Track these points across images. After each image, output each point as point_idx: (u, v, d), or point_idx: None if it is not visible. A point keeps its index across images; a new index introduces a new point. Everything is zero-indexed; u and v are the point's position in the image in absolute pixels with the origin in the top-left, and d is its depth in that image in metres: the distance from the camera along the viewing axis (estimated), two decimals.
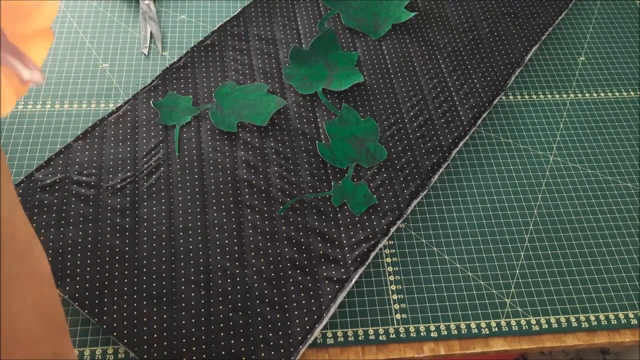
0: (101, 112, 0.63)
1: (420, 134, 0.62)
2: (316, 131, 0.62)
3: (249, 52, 0.68)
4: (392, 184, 0.58)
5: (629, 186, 0.61)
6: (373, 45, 0.70)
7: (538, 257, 0.56)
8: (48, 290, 0.29)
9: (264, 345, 0.48)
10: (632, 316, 0.53)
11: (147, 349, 0.48)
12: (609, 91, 0.70)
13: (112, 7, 0.73)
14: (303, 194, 0.57)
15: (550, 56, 0.73)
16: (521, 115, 0.67)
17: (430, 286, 0.53)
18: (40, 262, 0.28)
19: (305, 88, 0.65)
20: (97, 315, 0.49)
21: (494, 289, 0.54)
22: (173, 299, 0.50)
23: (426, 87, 0.66)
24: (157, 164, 0.58)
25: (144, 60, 0.68)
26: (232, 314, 0.50)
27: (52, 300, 0.29)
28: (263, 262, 0.52)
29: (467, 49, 0.70)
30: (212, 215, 0.55)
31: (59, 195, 0.55)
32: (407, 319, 0.51)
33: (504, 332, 0.51)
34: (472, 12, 0.74)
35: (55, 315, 0.29)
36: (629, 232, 0.58)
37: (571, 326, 0.52)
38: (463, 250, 0.56)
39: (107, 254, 0.52)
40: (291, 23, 0.72)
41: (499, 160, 0.62)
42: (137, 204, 0.55)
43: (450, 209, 0.58)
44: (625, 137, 0.65)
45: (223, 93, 0.64)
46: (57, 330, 0.29)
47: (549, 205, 0.59)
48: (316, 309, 0.50)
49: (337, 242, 0.54)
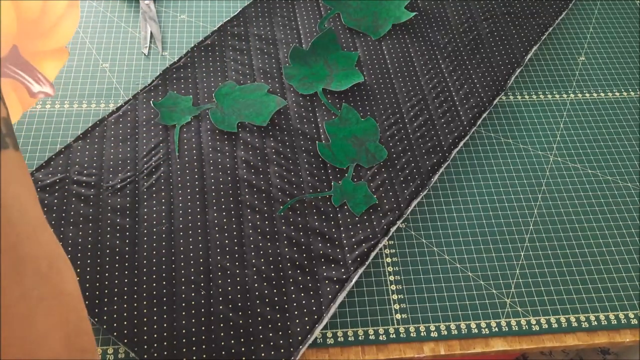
0: (101, 112, 0.63)
1: (420, 134, 0.62)
2: (316, 131, 0.62)
3: (249, 52, 0.68)
4: (392, 184, 0.58)
5: (629, 186, 0.61)
6: (373, 45, 0.70)
7: (538, 257, 0.56)
8: (74, 311, 0.28)
9: (264, 345, 0.48)
10: (632, 316, 0.53)
11: (147, 349, 0.48)
12: (609, 91, 0.70)
13: (112, 7, 0.73)
14: (303, 194, 0.57)
15: (550, 56, 0.73)
16: (521, 115, 0.67)
17: (430, 286, 0.53)
18: (66, 283, 0.27)
19: (305, 88, 0.65)
20: (97, 315, 0.49)
21: (494, 289, 0.54)
22: (173, 299, 0.50)
23: (426, 87, 0.66)
24: (157, 164, 0.58)
25: (144, 60, 0.68)
26: (232, 314, 0.50)
27: (77, 321, 0.28)
28: (263, 262, 0.52)
29: (467, 49, 0.70)
30: (212, 215, 0.55)
31: (59, 195, 0.55)
32: (407, 319, 0.51)
33: (504, 332, 0.51)
34: (472, 12, 0.74)
35: (80, 336, 0.28)
36: (629, 232, 0.58)
37: (571, 326, 0.52)
38: (463, 250, 0.56)
39: (107, 254, 0.52)
40: (291, 23, 0.72)
41: (499, 160, 0.62)
42: (137, 204, 0.55)
43: (450, 209, 0.58)
44: (625, 137, 0.65)
45: (223, 93, 0.64)
46: (83, 352, 0.29)
47: (549, 205, 0.59)
48: (316, 309, 0.50)
49: (337, 242, 0.54)
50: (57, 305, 0.27)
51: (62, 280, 0.27)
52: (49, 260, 0.26)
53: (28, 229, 0.25)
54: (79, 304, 0.29)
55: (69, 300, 0.28)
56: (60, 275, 0.27)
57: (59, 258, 0.27)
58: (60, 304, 0.27)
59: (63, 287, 0.27)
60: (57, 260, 0.27)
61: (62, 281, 0.27)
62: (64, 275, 0.27)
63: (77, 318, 0.28)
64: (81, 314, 0.29)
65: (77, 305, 0.28)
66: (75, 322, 0.28)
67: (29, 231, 0.25)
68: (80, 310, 0.29)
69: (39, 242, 0.26)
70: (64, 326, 0.27)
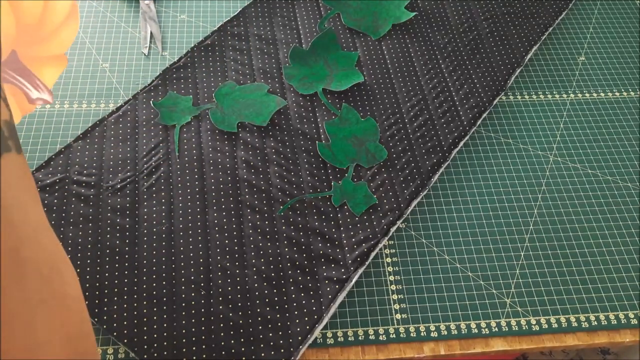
0: (101, 112, 0.63)
1: (420, 134, 0.62)
2: (316, 131, 0.62)
3: (249, 52, 0.68)
4: (392, 184, 0.58)
5: (629, 186, 0.61)
6: (373, 45, 0.70)
7: (538, 257, 0.56)
8: (76, 314, 0.28)
9: (264, 345, 0.48)
10: (632, 316, 0.53)
11: (147, 349, 0.48)
12: (609, 91, 0.70)
13: (112, 7, 0.73)
14: (303, 194, 0.57)
15: (550, 56, 0.73)
16: (521, 115, 0.67)
17: (430, 286, 0.53)
18: (67, 286, 0.27)
19: (305, 88, 0.65)
20: (97, 315, 0.49)
21: (494, 289, 0.54)
22: (173, 299, 0.50)
23: (426, 87, 0.66)
24: (157, 164, 0.58)
25: (144, 60, 0.68)
26: (232, 314, 0.50)
27: (79, 323, 0.28)
28: (263, 262, 0.52)
29: (467, 49, 0.70)
30: (212, 215, 0.55)
31: (59, 195, 0.55)
32: (407, 319, 0.51)
33: (504, 332, 0.51)
34: (472, 12, 0.74)
35: (81, 338, 0.28)
36: (629, 232, 0.58)
37: (571, 326, 0.52)
38: (463, 250, 0.56)
39: (107, 254, 0.52)
40: (291, 23, 0.72)
41: (499, 160, 0.62)
42: (137, 204, 0.55)
43: (450, 209, 0.58)
44: (625, 137, 0.65)
45: (223, 93, 0.64)
46: (84, 354, 0.29)
47: (549, 205, 0.59)
48: (316, 309, 0.50)
49: (337, 242, 0.54)
50: (58, 308, 0.27)
51: (63, 282, 0.27)
52: (50, 263, 0.26)
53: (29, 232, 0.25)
54: (81, 306, 0.29)
55: (70, 303, 0.27)
56: (61, 277, 0.27)
57: (61, 261, 0.27)
58: (61, 307, 0.27)
59: (64, 289, 0.27)
60: (59, 263, 0.27)
61: (64, 284, 0.27)
62: (66, 277, 0.27)
63: (79, 320, 0.28)
64: (82, 317, 0.29)
65: (78, 307, 0.28)
66: (76, 325, 0.28)
67: (30, 234, 0.25)
68: (82, 312, 0.29)
69: (40, 244, 0.26)
70: (64, 329, 0.27)
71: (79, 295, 0.28)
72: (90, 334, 0.29)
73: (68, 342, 0.27)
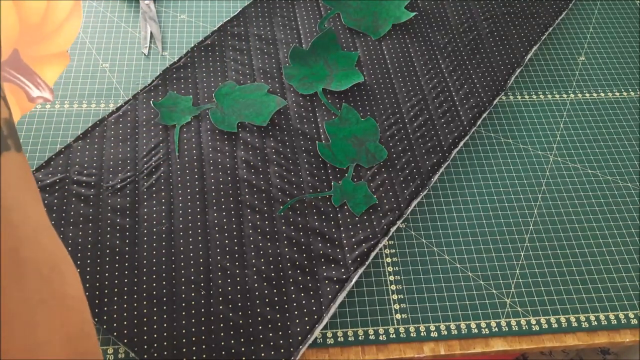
0: (101, 112, 0.63)
1: (420, 134, 0.62)
2: (316, 131, 0.62)
3: (249, 52, 0.68)
4: (392, 184, 0.58)
5: (629, 186, 0.61)
6: (373, 45, 0.70)
7: (538, 257, 0.56)
8: (77, 314, 0.28)
9: (264, 345, 0.48)
10: (632, 316, 0.53)
11: (147, 349, 0.48)
12: (609, 91, 0.70)
13: (112, 7, 0.73)
14: (303, 194, 0.57)
15: (550, 56, 0.73)
16: (521, 115, 0.67)
17: (430, 286, 0.53)
18: (68, 286, 0.27)
19: (305, 88, 0.65)
20: (97, 315, 0.49)
21: (494, 289, 0.54)
22: (173, 299, 0.50)
23: (426, 87, 0.66)
24: (157, 164, 0.58)
25: (144, 60, 0.68)
26: (232, 314, 0.50)
27: (80, 324, 0.28)
28: (263, 262, 0.52)
29: (467, 49, 0.70)
30: (212, 215, 0.55)
31: (59, 195, 0.55)
32: (407, 319, 0.51)
33: (504, 332, 0.51)
34: (472, 12, 0.74)
35: (82, 339, 0.28)
36: (629, 232, 0.58)
37: (571, 326, 0.52)
38: (463, 250, 0.56)
39: (107, 254, 0.52)
40: (291, 23, 0.72)
41: (499, 160, 0.62)
42: (137, 204, 0.55)
43: (450, 209, 0.58)
44: (625, 137, 0.65)
45: (223, 93, 0.64)
46: (85, 354, 0.28)
47: (549, 205, 0.59)
48: (316, 309, 0.50)
49: (337, 242, 0.54)
50: (58, 308, 0.26)
51: (64, 282, 0.27)
52: (50, 263, 0.26)
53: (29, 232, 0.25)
54: (82, 306, 0.28)
55: (71, 303, 0.27)
56: (62, 277, 0.27)
57: (62, 261, 0.27)
58: (61, 307, 0.27)
59: (65, 289, 0.27)
60: (60, 263, 0.27)
61: (64, 283, 0.27)
62: (67, 278, 0.27)
63: (80, 320, 0.28)
64: (84, 317, 0.28)
65: (79, 307, 0.28)
66: (77, 325, 0.28)
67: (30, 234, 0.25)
68: (83, 312, 0.28)
69: (40, 244, 0.26)
70: (65, 329, 0.27)
71: (80, 295, 0.28)
72: (92, 334, 0.29)
73: (68, 342, 0.27)
